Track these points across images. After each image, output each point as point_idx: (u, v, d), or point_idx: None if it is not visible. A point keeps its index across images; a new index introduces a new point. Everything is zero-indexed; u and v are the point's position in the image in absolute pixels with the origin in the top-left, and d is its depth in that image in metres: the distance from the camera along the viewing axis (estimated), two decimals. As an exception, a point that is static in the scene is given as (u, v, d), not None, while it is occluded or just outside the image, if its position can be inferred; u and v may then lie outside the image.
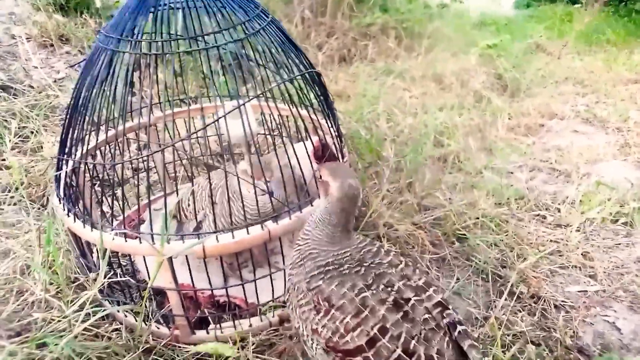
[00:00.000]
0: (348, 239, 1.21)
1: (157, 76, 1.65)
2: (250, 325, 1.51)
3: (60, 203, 1.49)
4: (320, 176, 1.21)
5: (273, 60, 1.45)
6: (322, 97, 1.61)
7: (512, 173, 2.48)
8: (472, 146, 2.61)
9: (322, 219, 1.21)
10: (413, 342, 1.02)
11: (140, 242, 1.33)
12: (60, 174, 1.51)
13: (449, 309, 1.10)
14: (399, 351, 1.01)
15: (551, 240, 1.94)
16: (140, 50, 1.35)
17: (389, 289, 1.09)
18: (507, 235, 1.93)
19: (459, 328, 1.07)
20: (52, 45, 3.30)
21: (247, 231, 1.36)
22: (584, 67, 3.91)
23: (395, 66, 3.66)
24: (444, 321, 1.07)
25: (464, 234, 1.94)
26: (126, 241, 1.35)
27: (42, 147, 2.38)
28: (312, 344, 1.15)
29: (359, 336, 1.04)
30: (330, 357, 1.12)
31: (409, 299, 1.07)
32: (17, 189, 2.02)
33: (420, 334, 1.03)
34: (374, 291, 1.08)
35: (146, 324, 1.47)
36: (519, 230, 1.98)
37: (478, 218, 2.00)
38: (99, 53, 1.41)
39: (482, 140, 2.74)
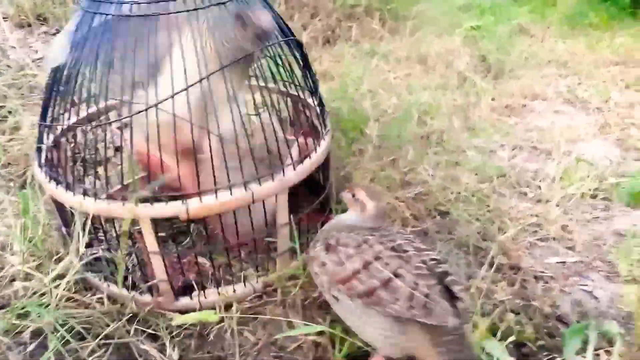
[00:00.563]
0: None
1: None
2: (234, 292, 1.52)
3: (42, 171, 1.47)
4: (354, 195, 1.37)
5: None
6: (304, 69, 1.61)
7: (494, 152, 2.51)
8: (455, 126, 2.62)
9: (356, 227, 1.34)
10: (403, 269, 1.15)
11: (124, 205, 1.32)
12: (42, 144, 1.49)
13: (443, 264, 1.22)
14: (389, 272, 1.15)
15: (531, 215, 1.96)
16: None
17: (391, 241, 1.23)
18: (488, 209, 1.96)
19: (450, 277, 1.18)
20: (29, 25, 3.23)
21: (230, 192, 1.36)
22: (566, 50, 3.93)
23: (379, 47, 3.65)
24: (437, 270, 1.19)
25: (446, 209, 1.96)
26: (108, 205, 1.34)
27: (21, 127, 2.34)
28: (320, 282, 1.28)
29: (355, 262, 1.19)
30: (334, 290, 1.23)
31: (407, 251, 1.21)
32: (-5, 167, 1.99)
33: (412, 271, 1.16)
34: (377, 238, 1.24)
35: (129, 292, 1.47)
36: (500, 205, 2.00)
37: (460, 193, 2.02)
38: (83, 19, 1.38)
39: (465, 120, 2.75)
